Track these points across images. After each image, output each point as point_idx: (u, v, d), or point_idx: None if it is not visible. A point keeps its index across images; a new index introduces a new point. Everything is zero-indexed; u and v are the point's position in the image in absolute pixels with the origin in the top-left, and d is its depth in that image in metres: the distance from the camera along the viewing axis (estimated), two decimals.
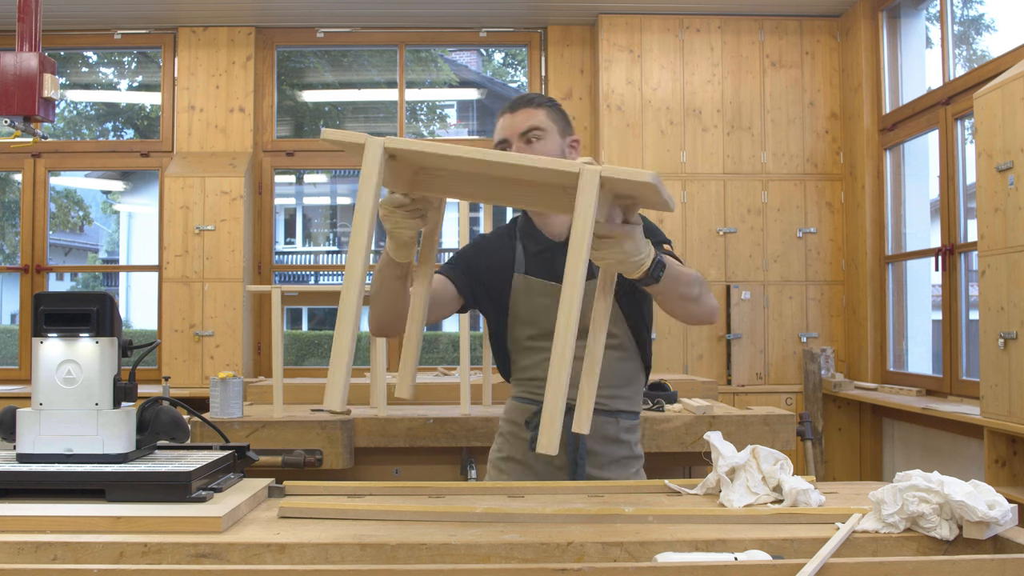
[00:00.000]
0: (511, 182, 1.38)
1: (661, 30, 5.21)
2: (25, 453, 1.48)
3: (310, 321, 13.67)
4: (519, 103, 1.86)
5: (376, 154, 1.30)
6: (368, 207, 1.28)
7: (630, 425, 1.91)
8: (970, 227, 4.24)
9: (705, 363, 5.09)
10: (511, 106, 1.86)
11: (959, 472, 3.27)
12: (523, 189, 1.39)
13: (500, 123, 1.86)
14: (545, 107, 1.86)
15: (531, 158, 1.31)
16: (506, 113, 1.86)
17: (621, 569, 1.11)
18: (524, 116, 1.83)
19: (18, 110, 2.40)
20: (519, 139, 1.82)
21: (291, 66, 6.64)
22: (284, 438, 2.75)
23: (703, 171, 5.17)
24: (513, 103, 1.86)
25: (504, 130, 1.84)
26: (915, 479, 1.29)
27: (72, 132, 9.02)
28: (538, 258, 1.89)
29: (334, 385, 1.25)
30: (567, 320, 1.23)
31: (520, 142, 1.82)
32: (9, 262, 9.25)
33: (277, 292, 2.95)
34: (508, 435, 1.95)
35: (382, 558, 1.22)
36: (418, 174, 1.41)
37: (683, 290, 1.63)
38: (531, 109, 1.84)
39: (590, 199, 1.24)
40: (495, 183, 1.39)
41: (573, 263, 1.24)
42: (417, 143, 1.33)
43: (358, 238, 1.29)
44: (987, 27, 6.13)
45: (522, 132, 1.82)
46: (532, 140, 1.82)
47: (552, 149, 1.83)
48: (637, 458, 1.94)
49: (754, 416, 2.83)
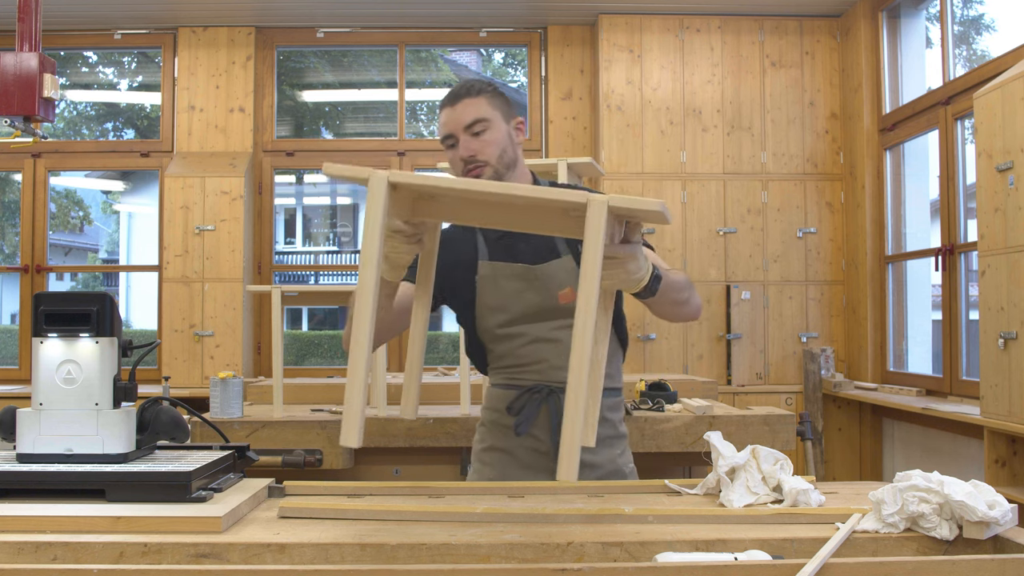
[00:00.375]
0: (513, 206, 1.38)
1: (661, 30, 5.21)
2: (25, 453, 1.48)
3: (310, 321, 13.68)
4: (459, 94, 1.80)
5: (381, 189, 1.29)
6: (375, 244, 1.27)
7: (613, 402, 1.91)
8: (970, 227, 4.24)
9: (705, 363, 5.09)
10: (451, 98, 1.80)
11: (959, 472, 3.27)
12: (525, 213, 1.39)
13: (442, 117, 1.81)
14: (485, 94, 1.80)
15: (539, 189, 1.30)
16: (447, 107, 1.81)
17: (621, 569, 1.11)
18: (465, 108, 1.78)
19: (18, 110, 2.40)
20: (464, 132, 1.78)
21: (291, 66, 6.64)
22: (284, 438, 2.75)
23: (703, 171, 5.17)
24: (452, 95, 1.81)
25: (447, 125, 1.80)
26: (915, 479, 1.29)
27: (72, 132, 9.02)
28: (499, 244, 1.87)
29: (350, 423, 1.26)
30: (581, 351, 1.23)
31: (466, 135, 1.78)
32: (9, 262, 9.25)
33: (277, 292, 2.95)
34: (490, 424, 1.93)
35: (382, 558, 1.22)
36: (418, 200, 1.41)
37: (674, 296, 1.66)
38: (471, 99, 1.79)
39: (599, 231, 1.25)
40: (496, 207, 1.39)
41: (585, 294, 1.24)
42: (421, 178, 1.33)
43: (367, 277, 1.28)
44: (987, 27, 6.12)
45: (466, 126, 1.78)
46: (478, 132, 1.78)
47: (499, 137, 1.80)
48: (621, 437, 1.93)
49: (754, 416, 2.83)
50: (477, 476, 1.92)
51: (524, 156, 1.94)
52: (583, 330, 1.23)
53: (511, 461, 1.87)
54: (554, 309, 1.82)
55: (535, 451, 1.85)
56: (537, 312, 1.83)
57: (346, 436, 1.26)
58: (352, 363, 1.27)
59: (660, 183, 5.13)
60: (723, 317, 5.10)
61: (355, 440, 1.25)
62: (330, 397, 3.33)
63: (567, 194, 1.28)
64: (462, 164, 1.79)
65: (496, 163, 1.79)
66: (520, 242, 1.85)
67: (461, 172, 1.80)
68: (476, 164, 1.78)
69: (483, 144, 1.78)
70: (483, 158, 1.78)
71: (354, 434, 1.26)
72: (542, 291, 1.82)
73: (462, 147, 1.78)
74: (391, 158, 5.54)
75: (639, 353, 5.03)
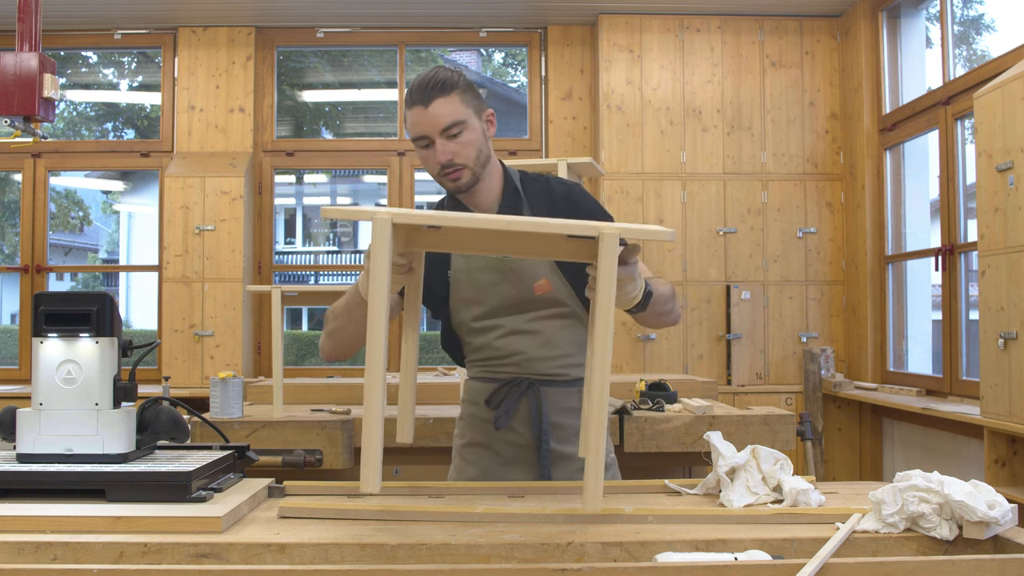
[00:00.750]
0: (514, 233, 1.37)
1: (661, 30, 5.21)
2: (25, 453, 1.48)
3: (310, 321, 13.68)
4: (430, 93, 1.69)
5: (385, 231, 1.27)
6: (383, 287, 1.26)
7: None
8: (970, 227, 4.24)
9: (705, 363, 5.09)
10: (422, 97, 1.70)
11: (959, 472, 3.27)
12: (523, 239, 1.39)
13: (413, 116, 1.71)
14: (458, 90, 1.72)
15: (549, 222, 1.30)
16: (417, 106, 1.70)
17: (621, 569, 1.11)
18: (440, 109, 1.69)
19: (18, 110, 2.40)
20: (441, 135, 1.71)
21: (291, 66, 6.64)
22: (284, 438, 2.75)
23: (703, 171, 5.17)
24: (423, 93, 1.70)
25: (421, 126, 1.71)
26: (915, 479, 1.29)
27: (72, 132, 9.02)
28: None
29: (370, 468, 1.26)
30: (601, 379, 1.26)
31: (442, 139, 1.71)
32: (9, 262, 9.25)
33: (277, 292, 2.95)
34: (469, 418, 1.91)
35: (382, 558, 1.22)
36: (412, 232, 1.40)
37: (659, 308, 1.67)
38: (444, 98, 1.69)
39: (612, 262, 1.27)
40: (493, 235, 1.39)
41: (602, 326, 1.26)
42: (425, 215, 1.32)
43: (376, 321, 1.26)
44: (987, 27, 6.12)
45: (443, 129, 1.70)
46: (455, 134, 1.72)
47: (475, 137, 1.74)
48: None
49: (754, 416, 2.83)
50: (458, 474, 1.91)
51: (524, 156, 1.94)
52: (603, 360, 1.26)
53: (492, 457, 1.86)
54: (530, 300, 1.81)
55: (515, 445, 1.84)
56: (513, 304, 1.82)
57: (367, 483, 1.26)
58: (367, 407, 1.26)
59: (660, 183, 5.13)
60: (723, 317, 5.10)
61: (375, 486, 1.25)
62: (330, 397, 3.33)
63: (579, 227, 1.29)
64: (439, 167, 1.74)
65: (474, 164, 1.75)
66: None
67: (437, 174, 1.76)
68: (454, 168, 1.73)
69: (460, 146, 1.72)
70: (461, 161, 1.73)
71: (373, 480, 1.25)
72: (517, 283, 1.80)
73: (440, 151, 1.72)
74: (391, 158, 5.54)
75: (639, 353, 5.03)
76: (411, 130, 1.74)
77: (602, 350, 1.26)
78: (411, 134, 1.75)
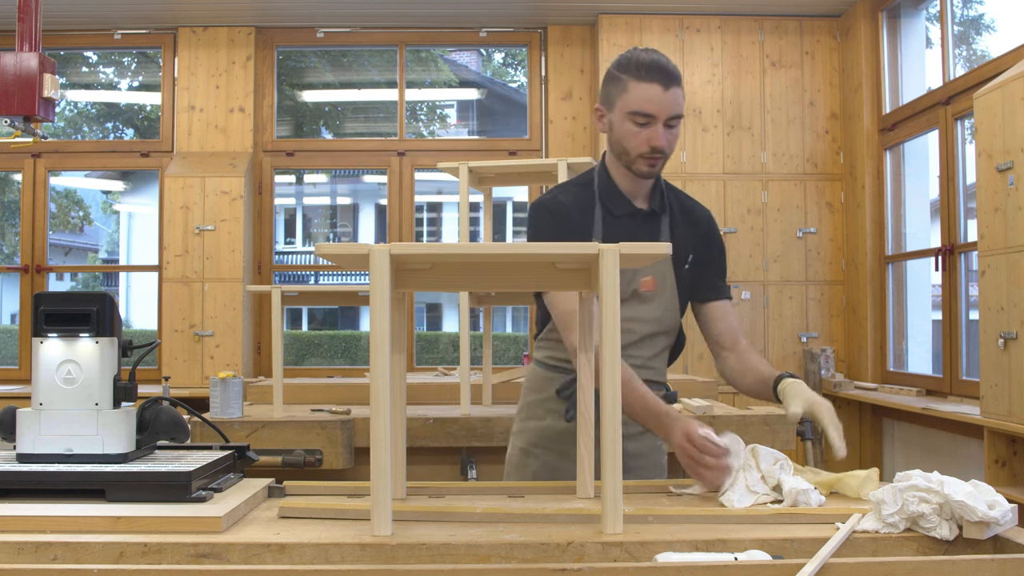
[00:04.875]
0: (501, 265, 1.37)
1: (661, 30, 5.21)
2: (25, 453, 1.48)
3: (310, 321, 13.67)
4: (672, 79, 1.70)
5: (384, 264, 1.25)
6: (385, 326, 1.25)
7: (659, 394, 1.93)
8: (970, 227, 4.24)
9: (705, 363, 5.08)
10: (663, 78, 1.70)
11: (959, 472, 3.26)
12: (512, 271, 1.38)
13: (646, 92, 1.70)
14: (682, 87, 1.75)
15: (558, 246, 1.32)
16: (656, 84, 1.69)
17: (621, 569, 1.11)
18: (677, 97, 1.71)
19: (18, 110, 2.40)
20: (667, 121, 1.72)
21: (291, 66, 6.64)
22: (284, 438, 2.75)
23: (703, 171, 5.17)
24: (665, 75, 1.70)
25: (654, 104, 1.70)
26: (915, 479, 1.29)
27: (72, 132, 9.02)
28: (619, 223, 1.84)
29: (380, 507, 1.25)
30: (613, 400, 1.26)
31: (664, 127, 1.72)
32: (9, 262, 9.25)
33: (277, 292, 2.95)
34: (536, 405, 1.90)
35: (382, 558, 1.22)
36: (399, 271, 1.36)
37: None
38: (679, 89, 1.72)
39: (614, 279, 1.27)
40: (483, 268, 1.38)
41: (610, 344, 1.27)
42: (424, 247, 1.30)
43: (379, 358, 1.25)
44: (987, 27, 6.12)
45: (672, 115, 1.71)
46: (674, 125, 1.73)
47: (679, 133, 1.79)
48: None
49: (754, 416, 2.82)
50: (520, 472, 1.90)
51: (524, 156, 1.96)
52: (612, 377, 1.26)
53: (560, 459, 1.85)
54: (633, 293, 1.83)
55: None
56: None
57: (378, 524, 1.25)
58: (374, 444, 1.25)
59: None
60: None
61: (387, 528, 1.25)
62: (330, 397, 3.32)
63: (580, 248, 1.29)
64: (648, 149, 1.74)
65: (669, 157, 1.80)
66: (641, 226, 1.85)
67: (640, 154, 1.75)
68: (661, 155, 1.75)
69: (674, 137, 1.75)
70: (669, 152, 1.76)
71: (384, 521, 1.25)
72: (630, 273, 1.81)
73: (662, 135, 1.72)
74: (391, 158, 5.54)
75: None
76: (637, 104, 1.71)
77: (611, 375, 1.26)
78: (633, 108, 1.72)
